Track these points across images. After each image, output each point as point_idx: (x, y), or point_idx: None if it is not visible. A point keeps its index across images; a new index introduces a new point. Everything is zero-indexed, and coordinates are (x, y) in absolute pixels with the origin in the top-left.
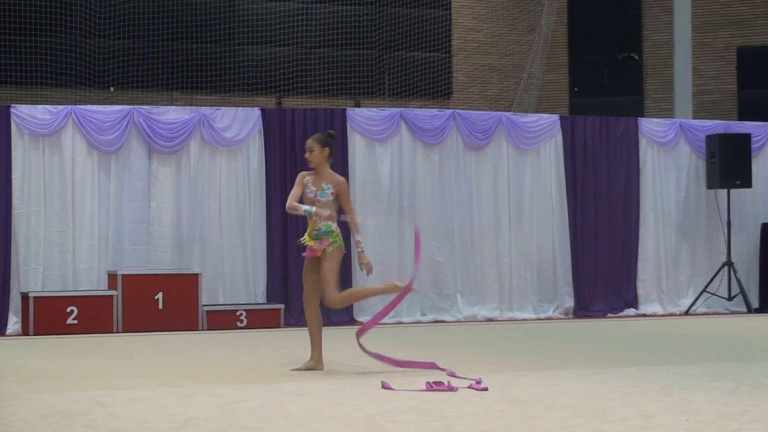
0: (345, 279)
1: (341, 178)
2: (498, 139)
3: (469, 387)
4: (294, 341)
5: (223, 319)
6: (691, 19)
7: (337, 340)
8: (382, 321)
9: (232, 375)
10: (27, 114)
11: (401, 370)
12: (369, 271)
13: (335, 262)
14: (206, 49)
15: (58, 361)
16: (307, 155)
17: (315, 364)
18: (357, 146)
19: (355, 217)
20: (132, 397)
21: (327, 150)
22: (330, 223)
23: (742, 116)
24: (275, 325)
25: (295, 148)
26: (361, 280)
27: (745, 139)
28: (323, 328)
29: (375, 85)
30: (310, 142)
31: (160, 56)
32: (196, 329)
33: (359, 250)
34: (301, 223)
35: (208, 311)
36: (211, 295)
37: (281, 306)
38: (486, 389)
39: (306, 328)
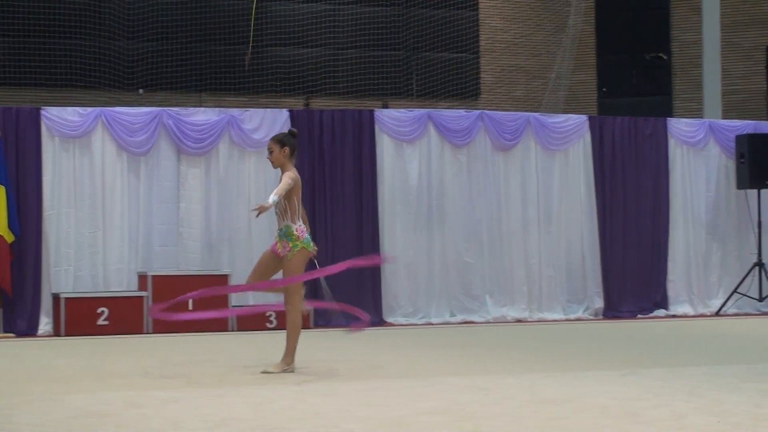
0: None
1: (291, 171)
2: (526, 140)
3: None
4: (324, 342)
5: (252, 320)
6: (719, 18)
7: (365, 341)
8: (413, 322)
9: (263, 375)
10: (57, 116)
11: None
12: (257, 212)
13: (297, 272)
14: (234, 50)
15: (89, 362)
16: (268, 156)
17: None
18: (385, 147)
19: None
20: (164, 398)
21: (287, 149)
22: (290, 223)
23: None
24: (305, 326)
25: (323, 149)
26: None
27: None
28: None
29: (403, 86)
30: (269, 143)
31: (189, 58)
32: (226, 330)
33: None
34: (329, 223)
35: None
36: (241, 296)
37: (311, 307)
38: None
39: (328, 331)
